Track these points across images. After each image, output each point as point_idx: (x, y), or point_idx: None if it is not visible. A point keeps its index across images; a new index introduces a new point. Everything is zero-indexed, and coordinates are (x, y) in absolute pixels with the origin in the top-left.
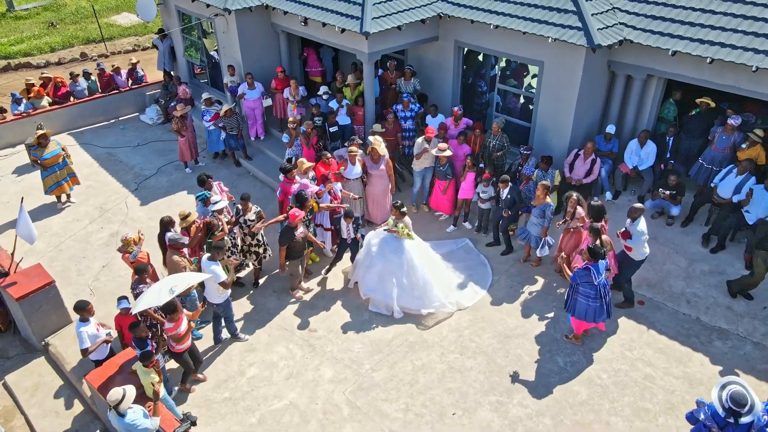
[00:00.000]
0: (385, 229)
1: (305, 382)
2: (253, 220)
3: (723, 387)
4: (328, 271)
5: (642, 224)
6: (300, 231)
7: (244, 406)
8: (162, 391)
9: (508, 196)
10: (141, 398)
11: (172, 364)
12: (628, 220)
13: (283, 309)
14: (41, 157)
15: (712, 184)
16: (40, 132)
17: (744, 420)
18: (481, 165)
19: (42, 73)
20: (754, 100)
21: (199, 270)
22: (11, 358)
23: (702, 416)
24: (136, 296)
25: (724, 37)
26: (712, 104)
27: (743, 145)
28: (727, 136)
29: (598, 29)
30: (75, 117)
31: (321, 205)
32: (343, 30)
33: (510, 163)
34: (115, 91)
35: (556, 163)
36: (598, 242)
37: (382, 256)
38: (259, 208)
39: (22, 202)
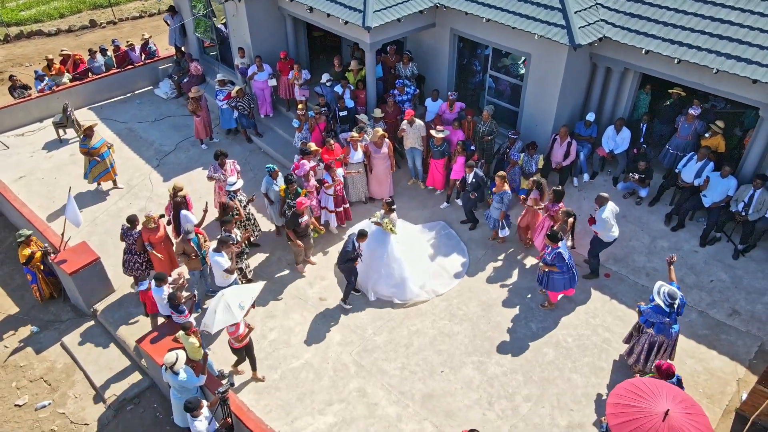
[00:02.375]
0: (372, 221)
1: (318, 345)
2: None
3: (659, 293)
4: (346, 300)
5: (607, 211)
6: (304, 219)
7: (268, 364)
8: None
9: (473, 180)
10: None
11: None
12: (596, 208)
13: (297, 280)
14: (91, 147)
15: (676, 170)
16: (87, 124)
17: (676, 303)
18: (472, 147)
19: (62, 50)
20: None
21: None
22: (65, 321)
23: (654, 319)
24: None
25: (691, 39)
26: (683, 94)
27: (706, 134)
28: (689, 124)
29: (579, 27)
30: (94, 92)
31: (308, 188)
32: (346, 22)
33: (499, 144)
34: (130, 67)
35: (540, 148)
36: (570, 220)
37: (369, 246)
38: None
39: (69, 191)
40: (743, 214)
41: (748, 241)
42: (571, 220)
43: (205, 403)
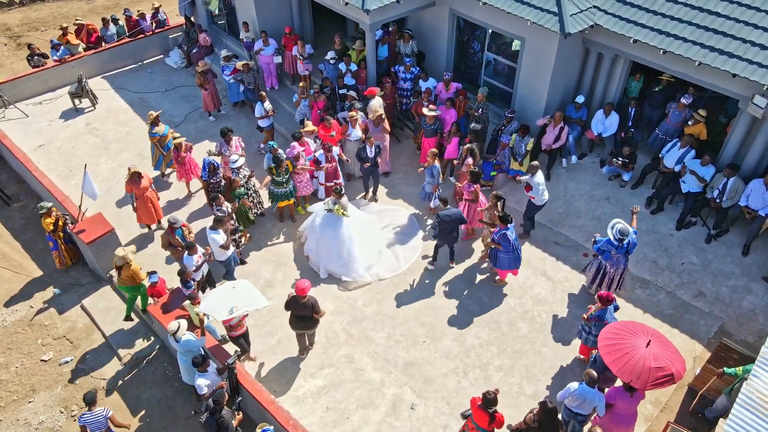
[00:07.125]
0: (325, 209)
1: None
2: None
3: (612, 227)
4: (453, 259)
5: (538, 177)
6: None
7: (266, 330)
8: (206, 320)
9: (378, 150)
10: (190, 326)
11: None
12: (528, 175)
13: (294, 252)
14: (161, 134)
15: (660, 155)
16: (154, 114)
17: (626, 241)
18: (476, 125)
19: (76, 20)
20: None
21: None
22: (84, 285)
23: (605, 248)
24: None
25: (678, 30)
26: (672, 80)
27: (689, 122)
28: (680, 112)
29: (571, 15)
30: (107, 61)
31: (297, 168)
32: (346, 3)
33: (495, 125)
34: (141, 35)
35: (531, 130)
36: (500, 208)
37: (322, 227)
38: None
39: (85, 168)
40: (718, 201)
41: (721, 226)
42: (500, 204)
43: (211, 361)
